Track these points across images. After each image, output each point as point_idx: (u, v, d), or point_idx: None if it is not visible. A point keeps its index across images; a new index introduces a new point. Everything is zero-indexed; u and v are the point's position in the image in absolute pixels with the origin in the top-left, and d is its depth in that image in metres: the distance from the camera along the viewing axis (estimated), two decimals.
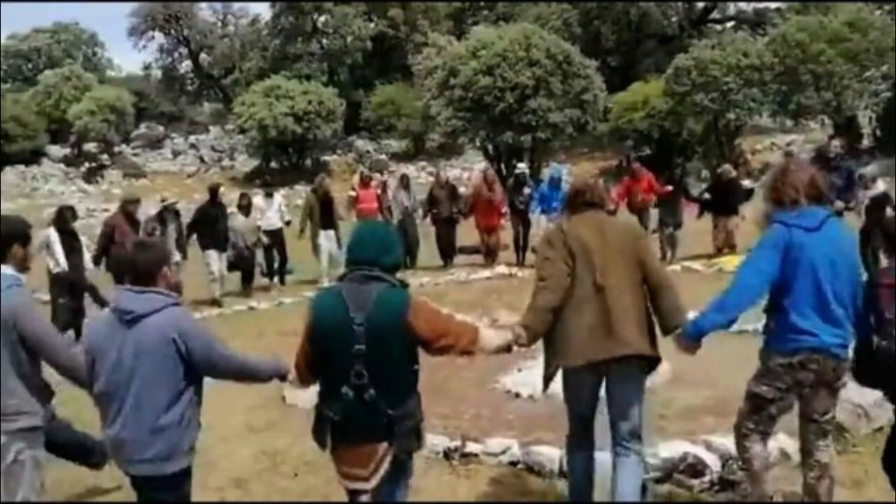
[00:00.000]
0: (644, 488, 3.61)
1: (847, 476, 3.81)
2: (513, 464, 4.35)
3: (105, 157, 32.45)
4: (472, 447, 4.51)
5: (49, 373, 3.43)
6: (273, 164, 31.09)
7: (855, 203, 9.20)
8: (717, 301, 3.30)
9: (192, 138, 35.45)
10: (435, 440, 4.43)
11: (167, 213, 10.05)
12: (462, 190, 14.67)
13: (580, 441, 3.58)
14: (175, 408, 2.95)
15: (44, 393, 3.44)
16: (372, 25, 36.75)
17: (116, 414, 2.96)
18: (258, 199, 11.53)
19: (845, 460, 3.95)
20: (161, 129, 36.50)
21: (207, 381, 3.12)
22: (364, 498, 2.96)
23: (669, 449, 4.15)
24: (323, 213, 11.00)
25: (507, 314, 7.27)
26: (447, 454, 4.50)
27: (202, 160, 33.30)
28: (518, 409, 5.33)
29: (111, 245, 8.89)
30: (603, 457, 3.58)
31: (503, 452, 4.42)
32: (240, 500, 4.28)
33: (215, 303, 10.15)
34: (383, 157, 31.37)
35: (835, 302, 3.20)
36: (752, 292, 3.29)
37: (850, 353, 3.31)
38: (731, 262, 9.36)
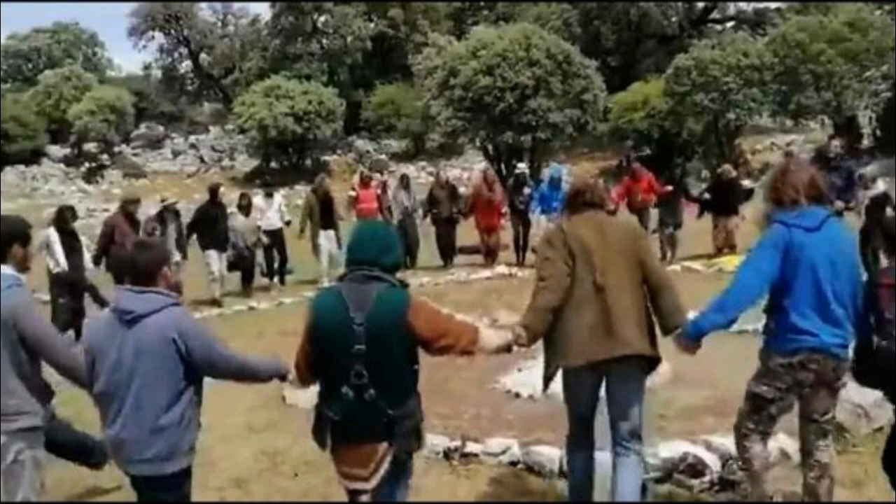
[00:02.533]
0: (644, 488, 3.61)
1: (847, 476, 3.81)
2: (513, 464, 4.35)
3: (105, 157, 32.46)
4: (472, 447, 4.51)
5: (49, 373, 3.43)
6: (273, 164, 31.10)
7: (855, 203, 9.20)
8: (717, 301, 3.30)
9: (192, 138, 35.47)
10: (435, 440, 4.43)
11: (167, 213, 10.04)
12: (462, 190, 14.67)
13: (580, 441, 3.58)
14: (175, 408, 2.95)
15: (44, 393, 3.43)
16: (372, 25, 36.77)
17: (116, 414, 2.96)
18: (258, 199, 11.53)
19: (845, 460, 3.95)
20: (161, 129, 36.51)
21: (207, 381, 3.12)
22: (364, 498, 2.96)
23: (669, 449, 4.15)
24: (323, 213, 10.99)
25: (507, 314, 7.27)
26: (447, 454, 4.50)
27: (202, 160, 33.31)
28: (518, 409, 5.33)
29: (111, 245, 8.89)
30: (603, 457, 3.58)
31: (503, 452, 4.42)
32: (240, 500, 4.28)
33: (215, 303, 10.15)
34: (383, 157, 31.38)
35: (835, 302, 3.20)
36: (752, 292, 3.29)
37: (850, 353, 3.31)
38: (731, 262, 9.36)
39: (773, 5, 34.06)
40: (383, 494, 2.97)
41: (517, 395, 5.56)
